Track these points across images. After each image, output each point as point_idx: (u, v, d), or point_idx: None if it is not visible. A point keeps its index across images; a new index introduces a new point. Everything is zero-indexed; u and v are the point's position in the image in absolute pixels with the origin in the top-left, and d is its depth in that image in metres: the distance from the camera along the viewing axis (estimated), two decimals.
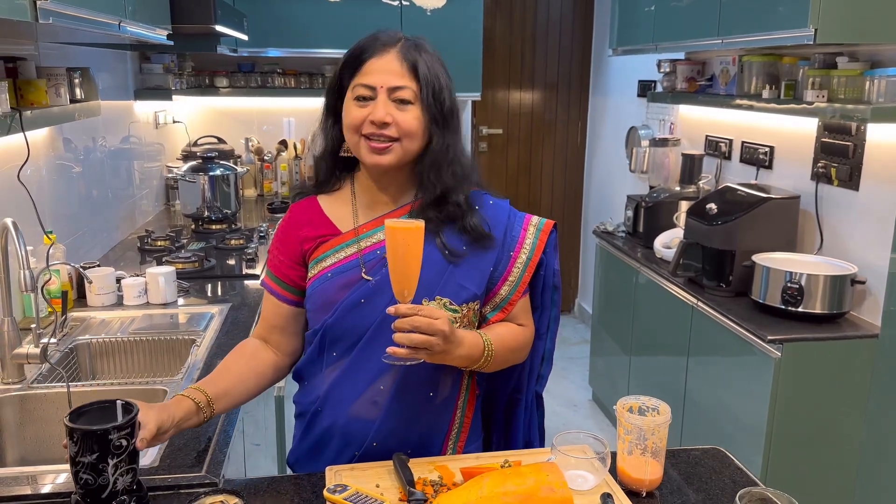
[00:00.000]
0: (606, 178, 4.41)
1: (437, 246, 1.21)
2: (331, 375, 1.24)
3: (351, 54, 1.20)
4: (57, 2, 1.32)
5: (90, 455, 1.02)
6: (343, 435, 1.24)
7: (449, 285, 1.21)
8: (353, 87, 1.18)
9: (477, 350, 1.18)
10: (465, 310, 1.22)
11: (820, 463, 2.19)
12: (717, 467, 1.26)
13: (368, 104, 1.16)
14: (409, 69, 1.16)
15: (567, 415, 3.56)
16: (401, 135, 1.16)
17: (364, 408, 1.22)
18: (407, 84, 1.16)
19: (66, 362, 1.77)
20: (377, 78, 1.16)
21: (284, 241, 1.27)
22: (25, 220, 1.78)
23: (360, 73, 1.17)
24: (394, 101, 1.16)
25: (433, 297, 1.19)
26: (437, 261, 1.20)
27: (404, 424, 1.22)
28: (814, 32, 2.01)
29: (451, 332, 1.10)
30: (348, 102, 1.19)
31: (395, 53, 1.17)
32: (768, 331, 2.12)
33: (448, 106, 1.20)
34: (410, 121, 1.16)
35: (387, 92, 1.15)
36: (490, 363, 1.21)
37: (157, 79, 3.37)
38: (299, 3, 3.58)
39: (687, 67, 3.18)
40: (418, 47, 1.19)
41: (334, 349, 1.23)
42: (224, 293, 2.28)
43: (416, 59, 1.17)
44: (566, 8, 4.53)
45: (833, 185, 2.40)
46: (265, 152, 3.94)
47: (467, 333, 1.18)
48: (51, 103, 1.98)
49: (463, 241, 1.23)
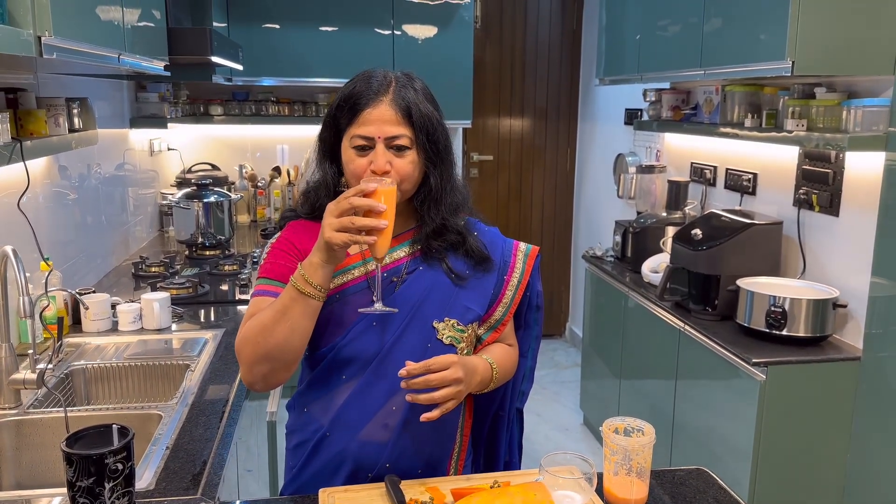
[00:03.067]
0: (595, 203, 4.47)
1: (444, 271, 1.27)
2: (339, 399, 1.25)
3: (345, 100, 1.23)
4: (60, 37, 1.37)
5: (87, 479, 1.04)
6: (356, 459, 1.25)
7: (456, 307, 1.27)
8: (350, 137, 1.22)
9: (487, 374, 1.26)
10: (470, 330, 1.29)
11: (807, 484, 2.22)
12: (701, 487, 1.29)
13: (367, 153, 1.21)
14: (404, 116, 1.21)
15: (559, 439, 3.57)
16: (400, 179, 1.21)
17: (376, 430, 1.23)
18: (403, 132, 1.21)
19: (62, 388, 1.78)
20: (374, 129, 1.20)
21: (289, 249, 1.26)
22: (23, 247, 1.81)
23: (356, 123, 1.21)
24: (391, 148, 1.21)
25: (442, 319, 1.25)
26: (445, 284, 1.27)
27: (415, 445, 1.25)
28: (791, 65, 2.08)
29: (464, 369, 1.17)
30: (347, 151, 1.23)
31: (388, 102, 1.21)
32: (753, 354, 2.17)
33: (442, 143, 1.26)
34: (407, 165, 1.22)
35: (384, 141, 1.20)
36: (494, 385, 1.30)
37: (152, 107, 3.42)
38: (293, 33, 3.66)
39: (672, 96, 3.26)
40: (408, 87, 1.23)
41: (343, 372, 1.24)
42: (218, 318, 2.30)
43: (408, 104, 1.21)
44: (554, 38, 4.64)
45: (814, 211, 2.46)
46: (259, 179, 3.99)
47: (477, 361, 1.25)
48: (50, 133, 2.02)
49: (466, 264, 1.30)
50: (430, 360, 1.14)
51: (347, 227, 1.09)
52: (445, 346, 1.26)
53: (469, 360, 1.22)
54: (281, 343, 1.14)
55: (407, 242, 1.29)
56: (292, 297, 1.14)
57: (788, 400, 2.15)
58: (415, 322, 1.24)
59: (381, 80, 1.23)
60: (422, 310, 1.25)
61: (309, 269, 1.13)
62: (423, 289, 1.26)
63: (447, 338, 1.26)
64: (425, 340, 1.24)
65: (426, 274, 1.27)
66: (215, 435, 1.48)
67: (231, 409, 1.62)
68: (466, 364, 1.19)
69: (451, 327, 1.26)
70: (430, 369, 1.13)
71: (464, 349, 1.29)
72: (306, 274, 1.13)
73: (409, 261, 1.27)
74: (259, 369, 1.17)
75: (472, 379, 1.21)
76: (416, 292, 1.25)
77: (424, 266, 1.28)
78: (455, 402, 1.17)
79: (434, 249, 1.27)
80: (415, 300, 1.24)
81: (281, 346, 1.14)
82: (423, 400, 1.14)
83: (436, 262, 1.28)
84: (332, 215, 1.10)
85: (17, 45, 1.25)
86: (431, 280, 1.26)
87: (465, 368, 1.18)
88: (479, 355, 1.29)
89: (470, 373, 1.20)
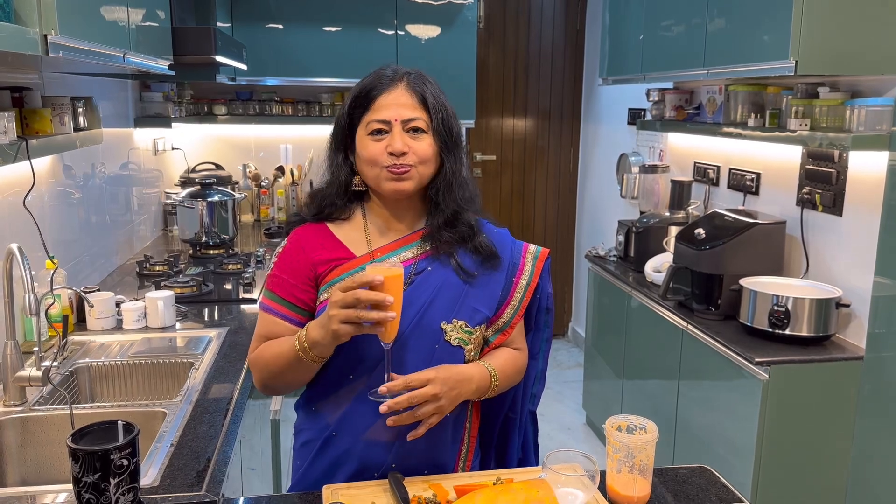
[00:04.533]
0: (598, 203, 4.48)
1: (453, 268, 1.27)
2: (346, 399, 1.25)
3: (359, 93, 1.25)
4: (66, 36, 1.38)
5: (92, 475, 1.05)
6: (361, 459, 1.25)
7: (464, 309, 1.26)
8: (366, 124, 1.23)
9: (485, 383, 1.26)
10: (478, 332, 1.29)
11: (809, 483, 2.22)
12: (703, 485, 1.30)
13: (384, 137, 1.21)
14: (419, 101, 1.23)
15: (562, 438, 3.58)
16: (417, 162, 1.22)
17: (382, 430, 1.23)
18: (419, 115, 1.22)
19: (67, 385, 1.79)
20: (391, 112, 1.21)
21: (293, 263, 1.27)
22: (29, 245, 1.82)
23: (371, 110, 1.22)
24: (407, 131, 1.22)
25: (450, 320, 1.25)
26: (454, 283, 1.26)
27: (421, 445, 1.25)
28: (794, 64, 2.08)
29: (444, 384, 1.17)
30: (363, 139, 1.23)
31: (403, 87, 1.23)
32: (756, 353, 2.17)
33: (456, 132, 1.27)
34: (426, 148, 1.23)
35: (401, 124, 1.21)
36: (496, 391, 1.29)
37: (156, 107, 3.43)
38: (297, 33, 3.67)
39: (675, 96, 3.26)
40: (423, 79, 1.26)
41: (351, 373, 1.25)
42: (221, 317, 2.31)
43: (423, 90, 1.24)
44: (558, 38, 4.64)
45: (818, 211, 2.46)
46: (262, 178, 4.00)
47: (471, 370, 1.24)
48: (55, 132, 2.03)
49: (475, 261, 1.29)
50: (409, 377, 1.15)
51: (354, 320, 1.09)
52: (453, 347, 1.25)
53: (457, 371, 1.20)
54: (287, 384, 1.27)
55: (415, 243, 1.29)
56: (296, 357, 1.18)
57: (791, 399, 2.15)
58: (422, 323, 1.23)
59: (394, 71, 1.26)
60: (430, 311, 1.24)
61: (311, 344, 1.16)
62: (431, 289, 1.25)
63: (455, 339, 1.25)
64: (433, 342, 1.24)
65: (435, 274, 1.27)
66: (219, 432, 1.49)
67: (235, 407, 1.62)
68: (451, 377, 1.18)
69: (460, 329, 1.25)
70: (410, 385, 1.14)
71: (471, 351, 1.28)
72: (309, 348, 1.16)
73: (416, 262, 1.27)
74: (269, 390, 1.31)
75: (460, 389, 1.20)
76: (425, 293, 1.24)
77: (434, 265, 1.27)
78: (438, 416, 1.18)
79: (445, 242, 1.27)
80: (423, 301, 1.24)
81: (288, 385, 1.28)
82: (405, 419, 1.16)
83: (445, 260, 1.27)
84: (339, 306, 1.10)
85: (23, 44, 1.25)
86: (440, 279, 1.26)
87: (445, 383, 1.17)
88: (480, 362, 1.28)
89: (455, 384, 1.19)
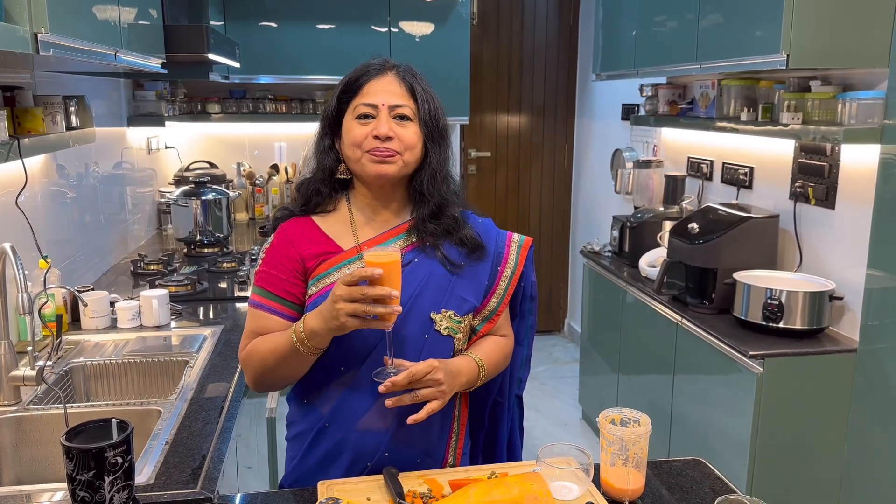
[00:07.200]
0: (593, 198, 4.48)
1: (439, 260, 1.29)
2: (338, 391, 1.26)
3: (349, 80, 1.28)
4: (56, 34, 1.38)
5: (87, 473, 1.05)
6: (354, 449, 1.27)
7: (452, 299, 1.28)
8: (354, 108, 1.25)
9: (473, 374, 1.28)
10: (466, 321, 1.30)
11: (804, 475, 2.23)
12: (697, 477, 1.30)
13: (370, 122, 1.23)
14: (408, 89, 1.26)
15: (558, 434, 3.58)
16: (402, 148, 1.24)
17: (374, 420, 1.25)
18: (406, 102, 1.25)
19: (61, 384, 1.79)
20: (379, 97, 1.23)
21: (281, 258, 1.28)
22: (22, 244, 1.81)
23: (360, 95, 1.25)
24: (394, 117, 1.24)
25: (440, 311, 1.27)
26: (441, 275, 1.28)
27: (413, 434, 1.26)
28: (786, 58, 2.09)
29: (446, 372, 1.19)
30: (349, 122, 1.26)
31: (392, 75, 1.26)
32: (750, 346, 2.17)
33: (442, 124, 1.29)
34: (411, 135, 1.24)
35: (388, 109, 1.23)
36: (485, 379, 1.31)
37: (150, 105, 3.42)
38: (290, 30, 3.66)
39: (668, 91, 3.27)
40: (412, 71, 1.29)
41: (342, 364, 1.26)
42: (216, 315, 2.31)
43: (412, 80, 1.27)
44: (551, 34, 4.64)
45: (811, 205, 2.47)
46: (256, 176, 3.99)
47: (461, 363, 1.26)
48: (47, 131, 2.02)
49: (461, 253, 1.30)
50: (412, 370, 1.16)
51: (361, 314, 1.10)
52: (443, 336, 1.27)
53: (452, 364, 1.23)
54: (282, 378, 1.27)
55: (401, 236, 1.30)
56: (293, 349, 1.18)
57: (785, 392, 2.16)
58: (412, 314, 1.25)
59: (384, 61, 1.28)
60: (419, 301, 1.26)
61: (310, 334, 1.16)
62: (419, 280, 1.27)
63: (445, 329, 1.27)
64: (423, 332, 1.26)
65: (422, 265, 1.28)
66: (214, 430, 1.49)
67: (230, 405, 1.62)
68: (448, 368, 1.21)
69: (449, 318, 1.27)
70: (414, 377, 1.16)
71: (461, 340, 1.30)
72: (307, 338, 1.16)
73: (403, 254, 1.28)
74: (262, 387, 1.30)
75: (454, 381, 1.22)
76: (412, 284, 1.25)
77: (420, 257, 1.29)
78: (440, 403, 1.19)
79: (430, 234, 1.29)
80: (411, 292, 1.25)
81: (283, 379, 1.27)
82: (407, 400, 1.17)
83: (431, 252, 1.29)
84: (344, 300, 1.10)
85: (13, 42, 1.25)
86: (427, 271, 1.27)
87: (446, 372, 1.20)
88: (467, 353, 1.30)
89: (452, 375, 1.22)
